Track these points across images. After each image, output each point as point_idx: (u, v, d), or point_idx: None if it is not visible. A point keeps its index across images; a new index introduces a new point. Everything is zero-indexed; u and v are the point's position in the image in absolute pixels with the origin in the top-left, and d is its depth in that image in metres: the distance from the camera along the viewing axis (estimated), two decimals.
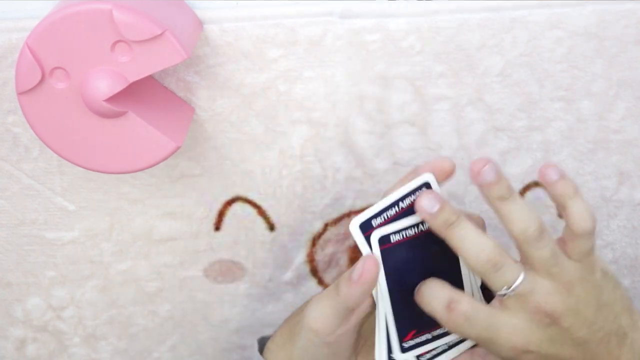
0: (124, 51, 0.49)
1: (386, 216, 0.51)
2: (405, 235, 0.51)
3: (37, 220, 0.62)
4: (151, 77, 0.57)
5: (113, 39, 0.48)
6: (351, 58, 0.58)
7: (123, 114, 0.51)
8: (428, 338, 0.53)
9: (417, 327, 0.52)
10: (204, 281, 0.65)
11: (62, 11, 0.48)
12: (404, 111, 0.60)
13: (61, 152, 0.52)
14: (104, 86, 0.49)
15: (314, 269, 0.66)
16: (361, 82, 0.58)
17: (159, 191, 0.62)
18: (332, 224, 0.64)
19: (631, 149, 0.62)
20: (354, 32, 0.57)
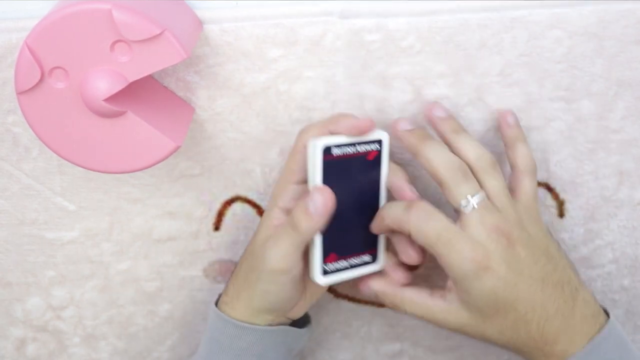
0: (124, 51, 0.49)
1: (345, 152, 0.54)
2: (345, 152, 0.54)
3: (37, 220, 0.62)
4: (151, 77, 0.57)
5: (112, 39, 0.48)
6: (351, 58, 0.58)
7: (123, 114, 0.51)
8: (345, 266, 0.56)
9: (337, 251, 0.55)
10: (204, 281, 0.65)
11: (62, 11, 0.48)
12: (404, 111, 0.60)
13: (61, 152, 0.52)
14: (104, 86, 0.49)
15: None
16: (361, 82, 0.59)
17: (159, 191, 0.62)
18: None
19: (631, 149, 0.63)
20: (354, 32, 0.57)
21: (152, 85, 0.56)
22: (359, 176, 0.55)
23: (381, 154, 0.55)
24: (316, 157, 0.53)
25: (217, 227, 0.64)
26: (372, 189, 0.56)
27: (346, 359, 0.69)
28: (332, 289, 0.66)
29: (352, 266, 0.56)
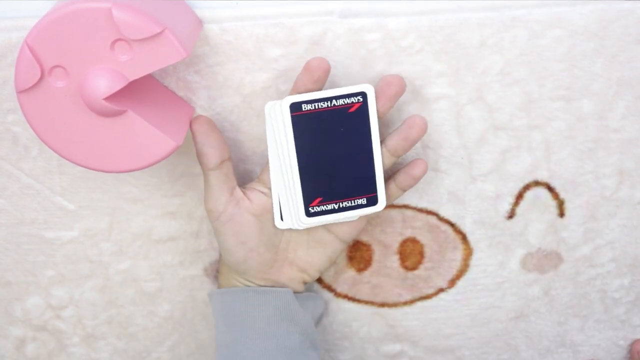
0: (124, 50, 0.49)
1: (317, 106, 0.55)
2: (317, 106, 0.55)
3: (37, 219, 0.62)
4: (151, 76, 0.57)
5: (112, 38, 0.48)
6: (351, 57, 0.58)
7: (123, 113, 0.51)
8: (334, 208, 0.57)
9: (324, 196, 0.57)
10: (204, 281, 0.65)
11: (62, 10, 0.48)
12: (404, 110, 0.60)
13: (60, 151, 0.52)
14: (104, 85, 0.49)
15: None
16: (361, 81, 0.58)
17: (159, 191, 0.62)
18: None
19: (631, 148, 0.62)
20: (354, 32, 0.57)
21: (152, 84, 0.56)
22: (341, 128, 0.56)
23: (366, 106, 0.56)
24: (284, 114, 0.55)
25: None
26: (361, 139, 0.56)
27: None
28: (332, 289, 0.66)
29: (344, 208, 0.58)
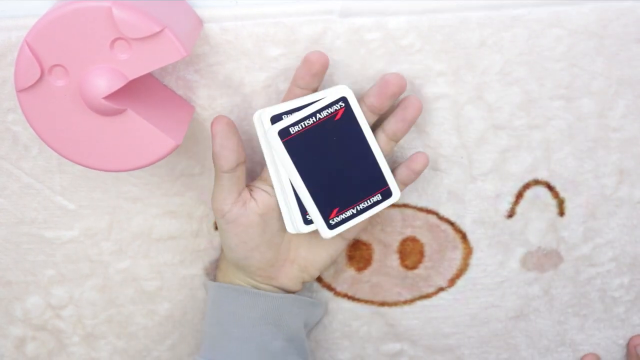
0: (124, 49, 0.49)
1: (304, 125, 0.55)
2: (304, 125, 0.55)
3: (37, 219, 0.62)
4: (151, 75, 0.57)
5: (112, 37, 0.48)
6: (351, 56, 0.58)
7: (122, 112, 0.51)
8: (353, 213, 0.57)
9: (340, 205, 0.57)
10: (205, 280, 0.65)
11: (61, 9, 0.48)
12: None
13: (60, 150, 0.52)
14: (103, 84, 0.49)
15: None
16: (361, 81, 0.58)
17: (159, 190, 0.62)
18: None
19: (631, 147, 0.62)
20: (354, 31, 0.57)
21: (152, 83, 0.56)
22: (334, 137, 0.56)
23: (350, 109, 0.56)
24: (275, 144, 0.55)
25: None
26: (356, 141, 0.57)
27: (345, 359, 0.69)
28: (332, 288, 0.66)
29: (362, 210, 0.58)
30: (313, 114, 0.55)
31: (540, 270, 0.66)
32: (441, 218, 0.64)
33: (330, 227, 0.57)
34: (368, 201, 0.58)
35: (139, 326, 0.67)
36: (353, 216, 0.58)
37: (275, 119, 0.55)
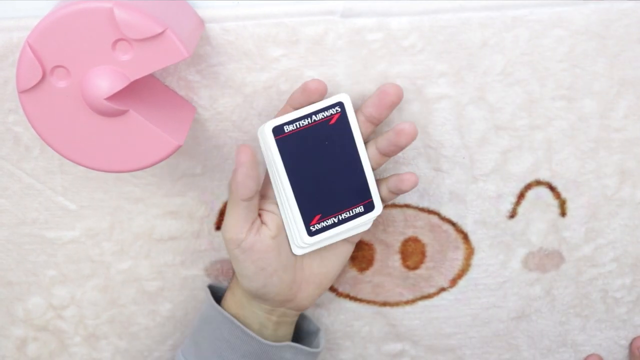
0: (125, 49, 0.49)
1: (299, 125, 0.55)
2: (298, 125, 0.55)
3: (38, 219, 0.62)
4: (152, 76, 0.57)
5: (114, 37, 0.48)
6: (352, 57, 0.58)
7: (124, 113, 0.51)
8: (334, 222, 0.57)
9: (322, 212, 0.57)
10: (206, 281, 0.65)
11: (63, 10, 0.48)
12: (405, 110, 0.60)
13: (62, 151, 0.52)
14: (105, 84, 0.49)
15: None
16: (362, 81, 0.58)
17: (160, 190, 0.62)
18: None
19: (633, 148, 0.62)
20: (355, 31, 0.57)
21: (154, 84, 0.56)
22: (325, 141, 0.56)
23: (345, 115, 0.56)
24: (268, 139, 0.55)
25: (219, 227, 0.64)
26: (346, 149, 0.57)
27: (347, 359, 0.69)
28: (333, 289, 0.66)
29: (344, 220, 0.58)
30: (309, 115, 0.55)
31: (541, 270, 0.66)
32: (443, 218, 0.64)
33: (310, 234, 0.57)
34: (350, 212, 0.58)
35: (141, 326, 0.67)
36: (334, 225, 0.57)
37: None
